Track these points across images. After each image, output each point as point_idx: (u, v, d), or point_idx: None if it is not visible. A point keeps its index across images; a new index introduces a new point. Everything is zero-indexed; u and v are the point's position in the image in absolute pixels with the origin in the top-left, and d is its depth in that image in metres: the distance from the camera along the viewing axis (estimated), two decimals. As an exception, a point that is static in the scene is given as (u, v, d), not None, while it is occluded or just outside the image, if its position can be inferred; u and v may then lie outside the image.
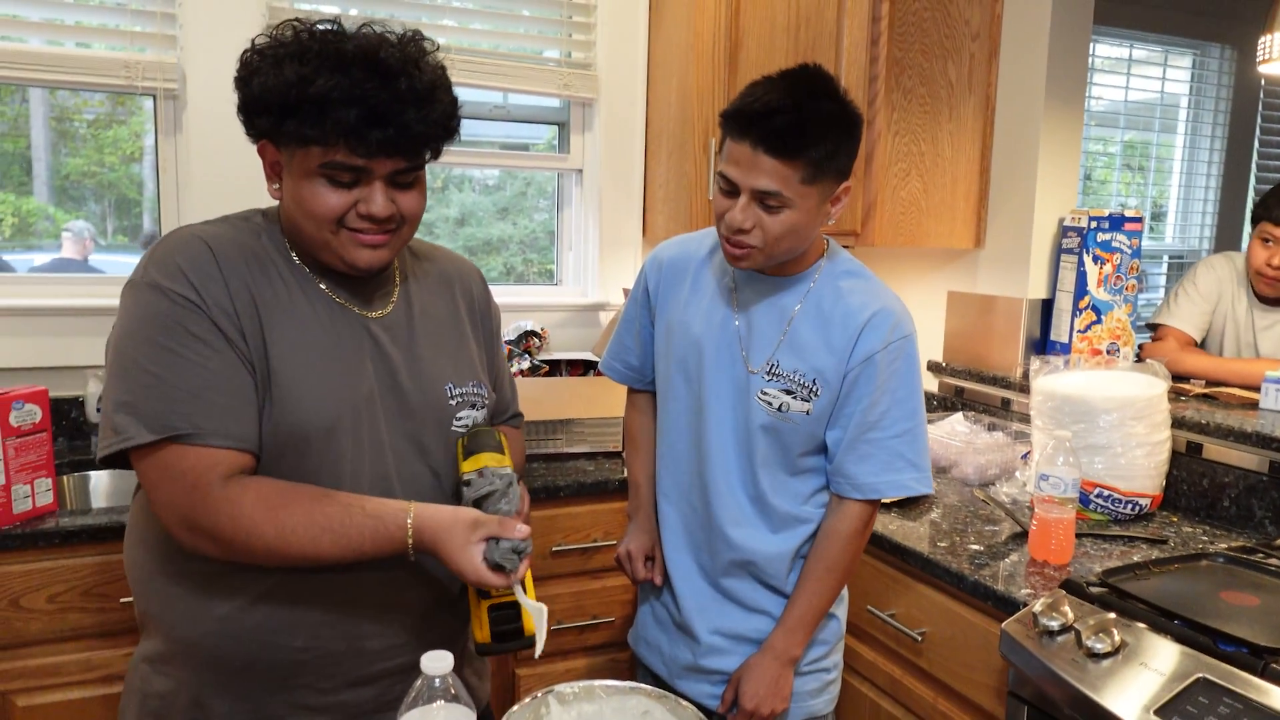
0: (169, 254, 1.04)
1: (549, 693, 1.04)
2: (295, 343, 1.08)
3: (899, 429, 1.41)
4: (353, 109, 0.97)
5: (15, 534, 1.66)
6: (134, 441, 1.00)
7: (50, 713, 1.73)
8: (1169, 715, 1.13)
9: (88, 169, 2.36)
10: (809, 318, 1.41)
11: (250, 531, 1.01)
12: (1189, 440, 1.94)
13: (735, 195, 1.30)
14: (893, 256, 2.82)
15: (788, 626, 1.43)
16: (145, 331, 1.02)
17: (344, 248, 1.07)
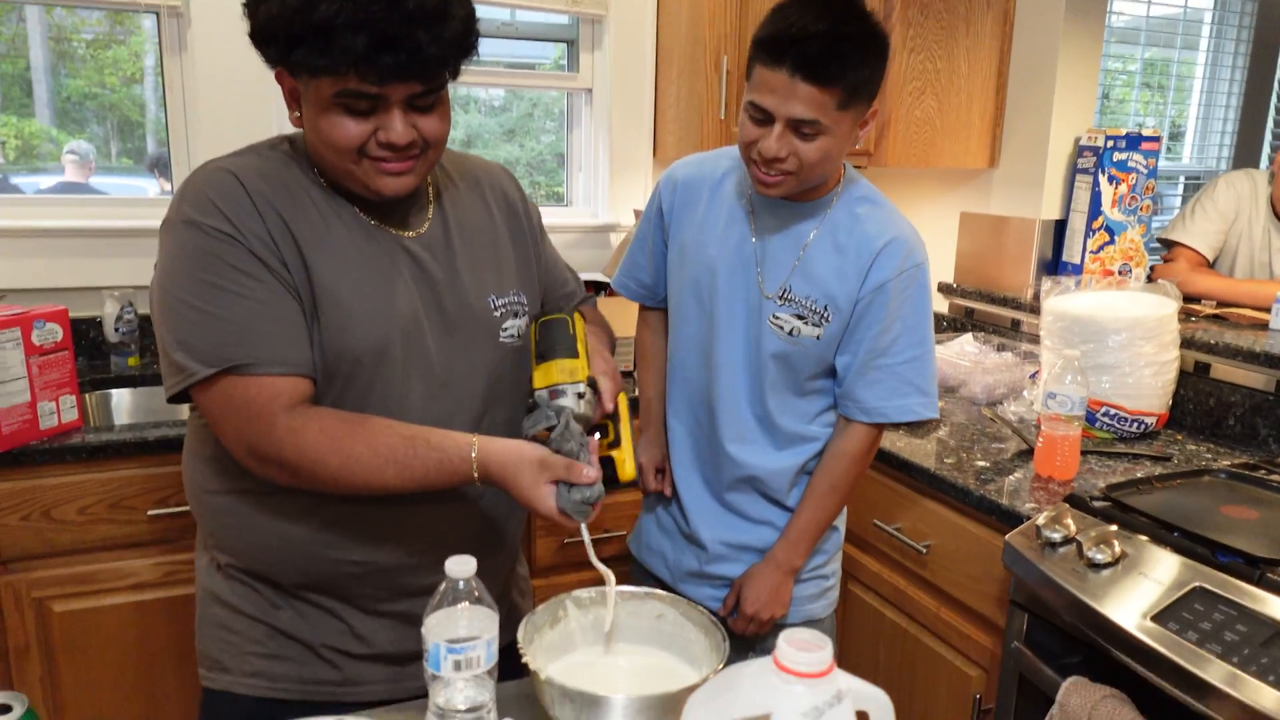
0: (200, 189, 1.03)
1: (567, 597, 1.08)
2: (336, 268, 1.06)
3: (908, 355, 1.43)
4: (359, 34, 0.93)
5: (44, 449, 1.70)
6: (195, 378, 1.00)
7: (85, 618, 1.80)
8: (1164, 621, 1.17)
9: (89, 90, 2.34)
10: (824, 244, 1.42)
11: (315, 460, 1.01)
12: (1197, 360, 1.95)
13: (767, 124, 1.29)
14: (905, 177, 2.79)
15: (790, 539, 1.48)
16: (187, 269, 1.01)
17: (368, 177, 1.05)
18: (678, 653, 1.06)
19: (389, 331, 1.08)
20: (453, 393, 1.15)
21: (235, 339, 1.00)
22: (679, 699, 0.89)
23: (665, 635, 1.07)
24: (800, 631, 0.68)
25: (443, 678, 0.87)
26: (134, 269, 2.27)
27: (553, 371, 1.11)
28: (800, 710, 0.64)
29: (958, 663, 1.67)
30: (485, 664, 0.88)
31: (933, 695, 1.73)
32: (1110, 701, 1.20)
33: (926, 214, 2.73)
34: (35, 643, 1.78)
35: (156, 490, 1.80)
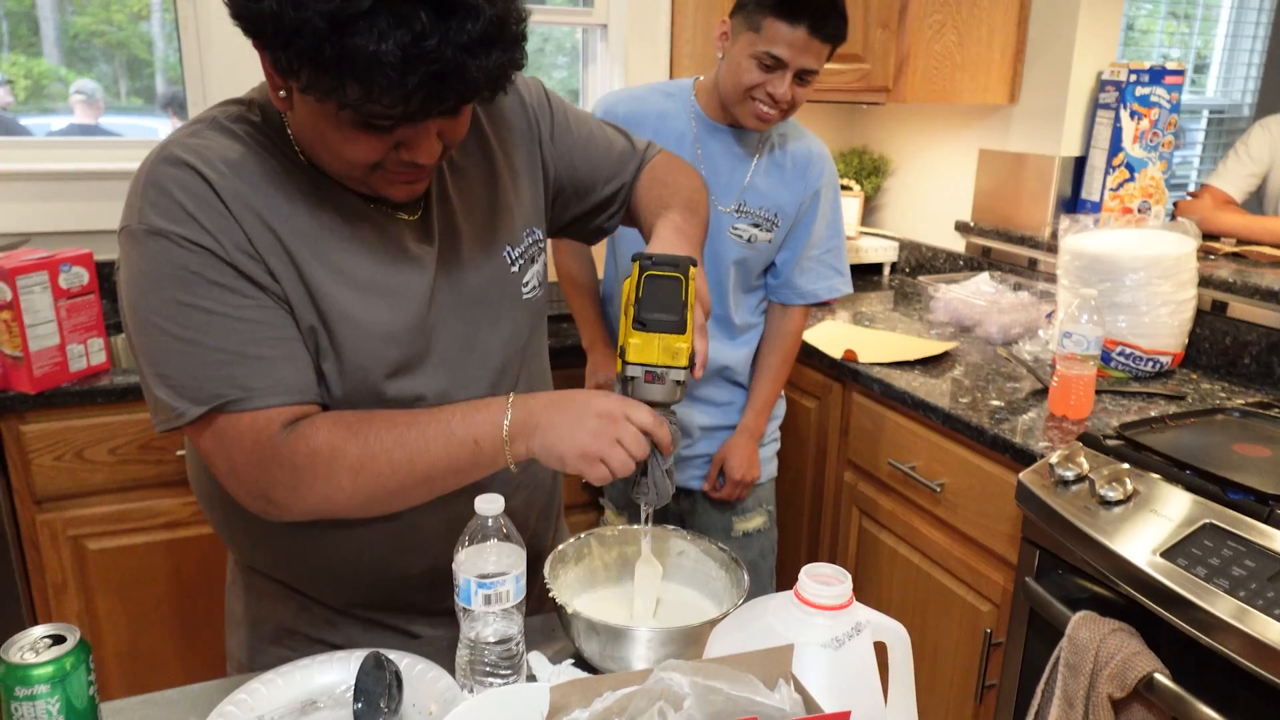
0: (163, 190, 0.85)
1: (591, 535, 1.11)
2: (337, 278, 0.92)
3: (830, 245, 1.82)
4: (408, 74, 0.73)
5: (74, 391, 1.74)
6: (184, 419, 0.86)
7: (119, 555, 1.86)
8: (1174, 557, 1.20)
9: (96, 28, 2.31)
10: (764, 162, 1.74)
11: (331, 457, 0.88)
12: (1214, 299, 1.95)
13: (776, 70, 1.57)
14: (923, 113, 2.76)
15: (756, 409, 1.84)
16: (161, 290, 0.85)
17: (377, 186, 0.90)
18: (699, 588, 1.09)
19: (407, 338, 0.96)
20: (473, 369, 1.03)
21: (225, 371, 0.86)
22: (701, 632, 0.93)
23: (686, 571, 1.10)
24: (820, 566, 0.71)
25: (473, 611, 0.91)
26: (152, 212, 2.28)
27: (653, 348, 0.92)
28: (821, 641, 0.67)
29: (969, 598, 1.71)
30: (514, 598, 0.91)
31: (944, 630, 1.77)
32: (1119, 635, 1.23)
33: (944, 151, 2.70)
34: (72, 580, 1.84)
35: (184, 431, 1.84)
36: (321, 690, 0.95)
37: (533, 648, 1.01)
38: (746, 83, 1.59)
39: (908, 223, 2.88)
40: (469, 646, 0.93)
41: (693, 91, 1.76)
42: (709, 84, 1.74)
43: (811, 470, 2.19)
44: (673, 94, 1.76)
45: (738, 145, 1.73)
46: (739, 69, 1.60)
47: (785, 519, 2.19)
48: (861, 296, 2.59)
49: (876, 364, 1.96)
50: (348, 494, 0.90)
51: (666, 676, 0.57)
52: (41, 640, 0.82)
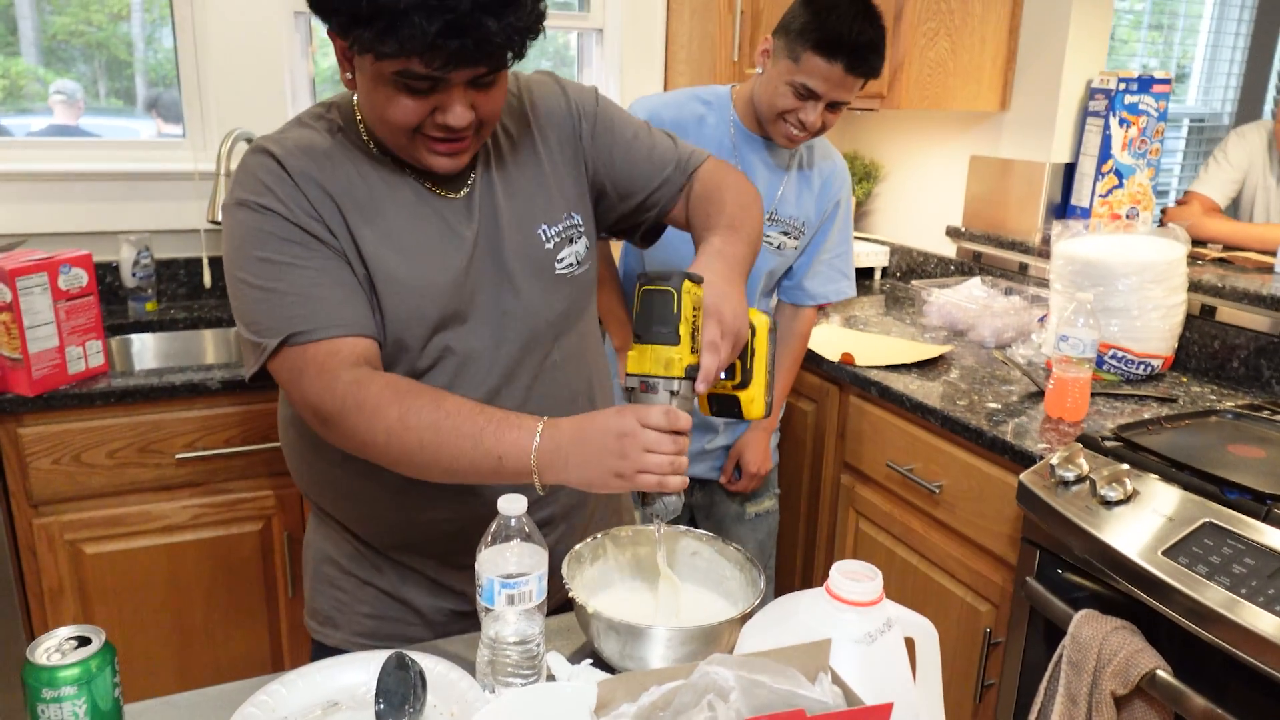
0: (246, 170, 1.05)
1: (606, 535, 1.12)
2: (384, 241, 1.07)
3: (840, 250, 1.92)
4: (429, 21, 0.88)
5: (73, 393, 1.73)
6: (264, 352, 1.02)
7: (116, 560, 1.85)
8: (1176, 555, 1.22)
9: (75, 28, 2.30)
10: (795, 172, 1.83)
11: (375, 411, 0.98)
12: (1203, 303, 1.98)
13: (809, 99, 1.65)
14: (916, 119, 2.79)
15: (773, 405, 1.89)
16: (243, 249, 1.03)
17: (420, 155, 1.04)
18: (713, 588, 1.10)
19: (444, 298, 1.09)
20: (513, 342, 1.14)
21: (293, 309, 1.02)
22: (719, 631, 0.94)
23: (700, 572, 1.11)
24: (851, 563, 0.72)
25: (495, 611, 0.91)
26: (150, 213, 2.28)
27: (646, 359, 0.97)
28: (853, 637, 0.68)
29: (968, 599, 1.73)
30: (536, 598, 0.92)
31: (944, 630, 1.79)
32: (1121, 633, 1.25)
33: (936, 157, 2.74)
34: (69, 585, 1.83)
35: (185, 434, 1.83)
36: (343, 690, 0.95)
37: (550, 648, 1.02)
38: (781, 106, 1.68)
39: (899, 228, 2.91)
40: (490, 646, 0.93)
41: (731, 102, 1.81)
42: (745, 95, 1.79)
43: (809, 473, 2.21)
44: (710, 101, 1.81)
45: (772, 156, 1.81)
46: (775, 92, 1.68)
47: (782, 521, 2.20)
48: (854, 301, 2.62)
49: (873, 367, 1.98)
50: (381, 449, 1.00)
51: (712, 671, 0.58)
52: (67, 642, 0.82)
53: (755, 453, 1.94)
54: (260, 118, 2.29)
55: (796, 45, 1.62)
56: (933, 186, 2.75)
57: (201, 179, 2.28)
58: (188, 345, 2.23)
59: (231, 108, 2.29)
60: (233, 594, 1.96)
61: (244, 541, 1.93)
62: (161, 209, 2.28)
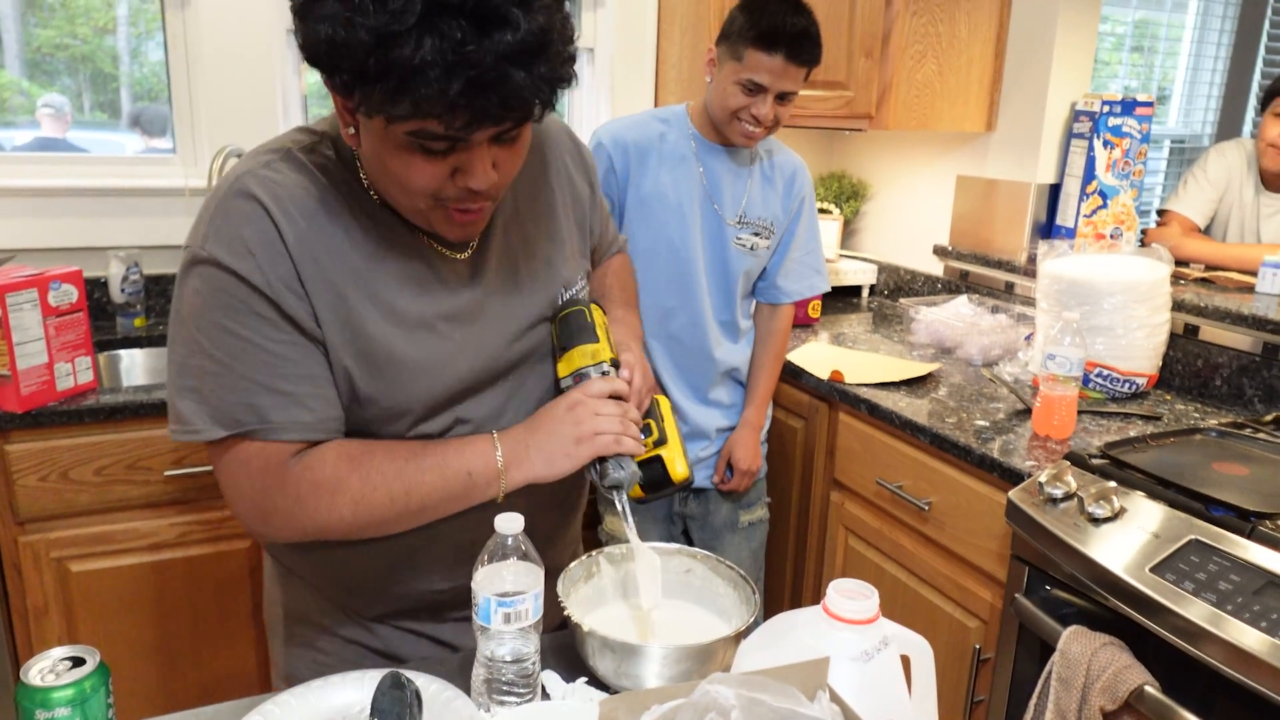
0: (228, 216, 0.90)
1: (600, 554, 1.12)
2: (387, 317, 0.96)
3: (810, 247, 2.01)
4: (448, 79, 0.76)
5: (61, 410, 1.72)
6: (202, 437, 0.92)
7: (103, 578, 1.84)
8: (1163, 572, 1.24)
9: (60, 41, 2.29)
10: (759, 175, 1.92)
11: (335, 489, 0.93)
12: (1186, 322, 2.01)
13: (758, 94, 1.74)
14: (904, 139, 2.82)
15: (756, 403, 2.02)
16: (208, 312, 0.90)
17: (438, 223, 0.94)
18: (707, 606, 1.10)
19: (449, 378, 1.01)
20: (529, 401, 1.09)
21: (250, 398, 0.91)
22: (714, 649, 0.94)
23: (694, 590, 1.12)
24: (847, 582, 0.73)
25: (491, 629, 0.91)
26: (139, 229, 2.27)
27: (574, 358, 1.07)
28: (850, 655, 0.69)
29: (957, 615, 1.74)
30: (532, 616, 0.92)
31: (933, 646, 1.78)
32: (1109, 649, 1.26)
33: (922, 177, 2.77)
34: (54, 603, 1.81)
35: (173, 451, 1.82)
36: (337, 711, 0.95)
37: (544, 667, 1.02)
38: (732, 106, 1.77)
39: (887, 246, 2.94)
40: (486, 665, 0.93)
41: (687, 116, 1.91)
42: (700, 108, 1.89)
43: (798, 490, 2.22)
44: (668, 119, 1.91)
45: (733, 162, 1.90)
46: (725, 94, 1.77)
47: (772, 537, 2.21)
48: (841, 318, 2.64)
49: (863, 385, 2.00)
50: (346, 522, 0.96)
51: (713, 689, 0.59)
52: (61, 662, 0.82)
53: (745, 450, 1.99)
54: (251, 134, 2.29)
55: (738, 45, 1.73)
56: (920, 206, 2.78)
57: (192, 195, 2.28)
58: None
59: (222, 124, 2.29)
60: (220, 612, 1.95)
61: (231, 559, 1.92)
62: (151, 225, 2.27)
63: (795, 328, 2.47)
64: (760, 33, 1.70)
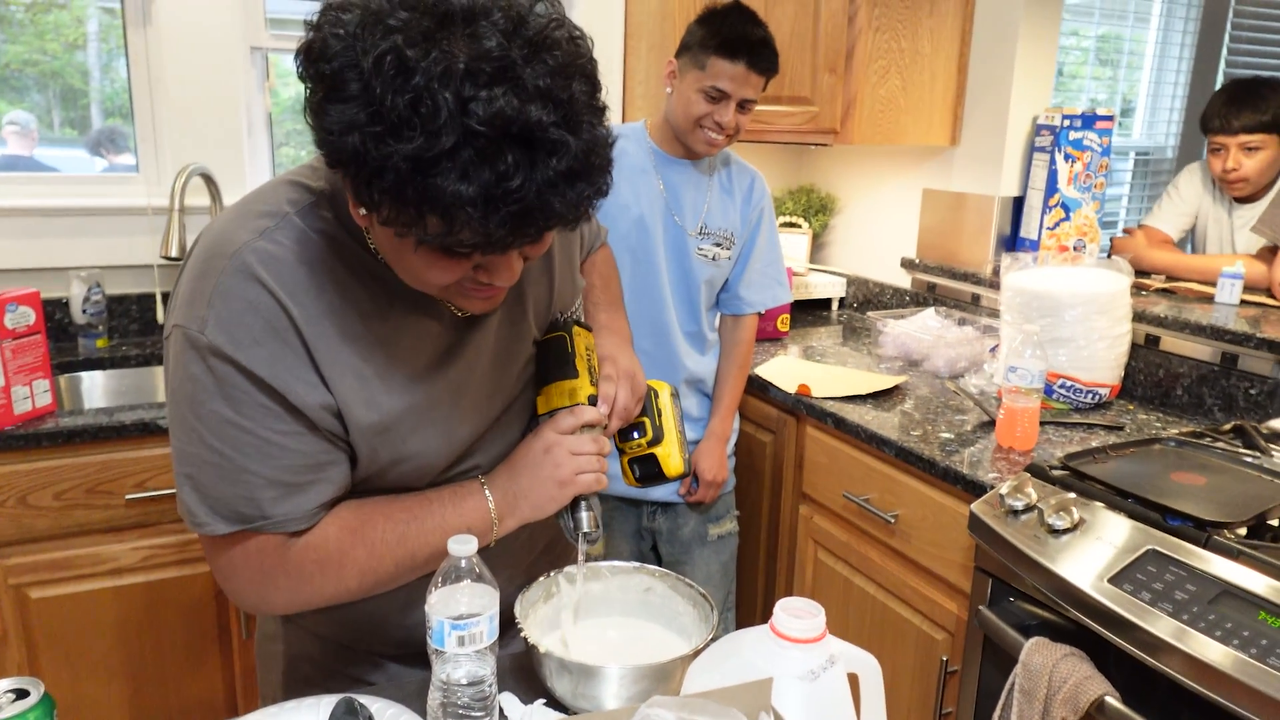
0: (231, 308, 0.84)
1: (559, 574, 1.11)
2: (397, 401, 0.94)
3: (770, 258, 2.04)
4: (488, 215, 0.70)
5: (18, 434, 1.69)
6: (206, 530, 0.89)
7: (63, 604, 1.80)
8: (1120, 583, 1.25)
9: (29, 57, 2.27)
10: (716, 187, 1.96)
11: (341, 562, 0.93)
12: (1147, 333, 2.04)
13: (720, 101, 1.79)
14: (869, 154, 2.85)
15: (721, 414, 2.04)
16: (208, 401, 0.85)
17: (454, 299, 0.90)
18: (666, 624, 1.10)
19: (472, 426, 1.01)
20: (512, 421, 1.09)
21: (253, 493, 0.88)
22: (672, 668, 0.94)
23: (654, 608, 1.11)
24: (794, 600, 0.73)
25: (446, 653, 0.91)
26: (101, 248, 2.25)
27: (552, 396, 1.06)
28: (797, 674, 0.69)
29: (925, 627, 1.74)
30: (487, 639, 0.91)
31: (901, 658, 1.81)
32: (1070, 659, 1.27)
33: (889, 190, 2.79)
34: (14, 631, 1.78)
35: (135, 474, 1.80)
36: (290, 738, 0.94)
37: (503, 688, 1.01)
38: (696, 114, 1.81)
39: (855, 259, 2.96)
40: (441, 689, 0.92)
41: (646, 132, 1.94)
42: (659, 121, 1.93)
43: (767, 504, 2.22)
44: (627, 135, 1.95)
45: (692, 173, 1.95)
46: (688, 102, 1.82)
47: (743, 551, 2.21)
48: (811, 331, 2.65)
49: (830, 398, 2.00)
50: (352, 592, 0.96)
51: (652, 714, 0.58)
52: (5, 694, 0.80)
53: (710, 460, 2.00)
54: (216, 152, 2.28)
55: (700, 55, 1.78)
56: (887, 219, 2.80)
57: (155, 214, 2.26)
58: (139, 382, 2.20)
59: (186, 142, 2.28)
60: (185, 637, 1.92)
61: (195, 583, 1.90)
62: (113, 244, 2.25)
63: (765, 341, 2.48)
64: (723, 40, 1.76)
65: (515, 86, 0.69)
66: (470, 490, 1.00)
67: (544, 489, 1.00)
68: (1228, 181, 2.42)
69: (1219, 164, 2.42)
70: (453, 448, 1.00)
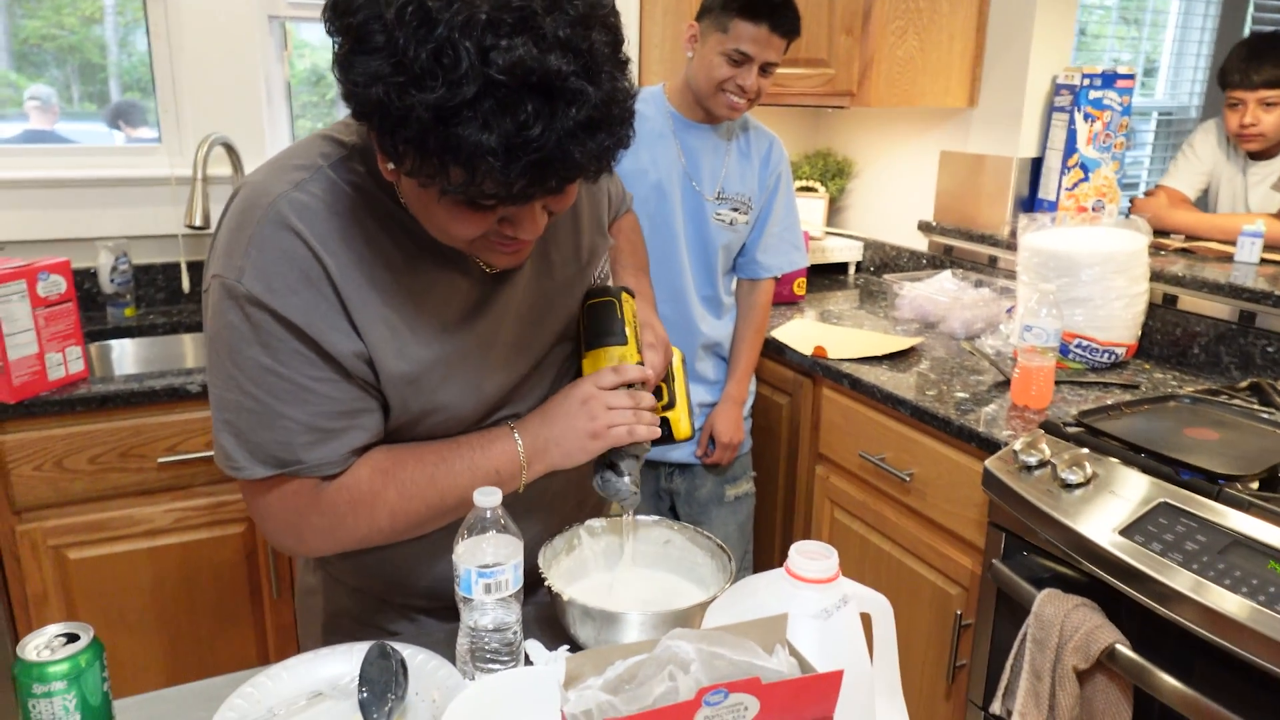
0: (267, 256, 0.86)
1: (580, 527, 1.15)
2: (426, 350, 0.96)
3: (788, 222, 2.04)
4: (509, 164, 0.72)
5: (53, 400, 1.74)
6: (244, 474, 0.92)
7: (100, 565, 1.86)
8: (1131, 535, 1.27)
9: (46, 31, 2.29)
10: (735, 151, 1.95)
11: (374, 503, 0.95)
12: (1165, 292, 2.03)
13: (743, 64, 1.78)
14: (886, 116, 2.83)
15: (738, 377, 2.06)
16: (246, 348, 0.88)
17: (481, 253, 0.91)
18: (685, 575, 1.13)
19: (504, 379, 1.03)
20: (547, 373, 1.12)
21: (289, 437, 0.91)
22: (691, 614, 0.97)
23: (673, 560, 1.15)
24: (808, 544, 0.76)
25: (473, 600, 0.94)
26: (127, 219, 2.29)
27: (599, 360, 1.07)
28: (810, 613, 0.72)
29: (939, 582, 1.77)
30: (513, 587, 0.95)
31: (916, 613, 1.84)
32: (1081, 610, 1.29)
33: (906, 153, 2.78)
34: (53, 590, 1.84)
35: (166, 438, 1.85)
36: (326, 681, 0.98)
37: (529, 636, 1.05)
38: (719, 77, 1.80)
39: (872, 223, 2.96)
40: (469, 634, 0.96)
41: (664, 96, 1.93)
42: (679, 85, 1.92)
43: (784, 464, 2.25)
44: (645, 99, 1.94)
45: (711, 138, 1.94)
46: (710, 65, 1.80)
47: (760, 511, 2.24)
48: (828, 295, 2.66)
49: (846, 360, 2.02)
50: (384, 532, 0.99)
51: (674, 644, 0.61)
52: (56, 639, 0.85)
53: (726, 423, 2.03)
54: (236, 122, 2.31)
55: (723, 18, 1.77)
56: (904, 182, 2.80)
57: (178, 184, 2.29)
58: (167, 350, 2.24)
59: (207, 112, 2.31)
60: (218, 596, 1.98)
61: (227, 544, 1.95)
62: (138, 214, 2.29)
63: (782, 305, 2.49)
64: (745, 2, 1.75)
65: (535, 36, 0.70)
66: (499, 434, 1.02)
67: (575, 439, 1.01)
68: (1244, 137, 2.40)
69: (1236, 119, 2.40)
70: (482, 401, 1.02)
